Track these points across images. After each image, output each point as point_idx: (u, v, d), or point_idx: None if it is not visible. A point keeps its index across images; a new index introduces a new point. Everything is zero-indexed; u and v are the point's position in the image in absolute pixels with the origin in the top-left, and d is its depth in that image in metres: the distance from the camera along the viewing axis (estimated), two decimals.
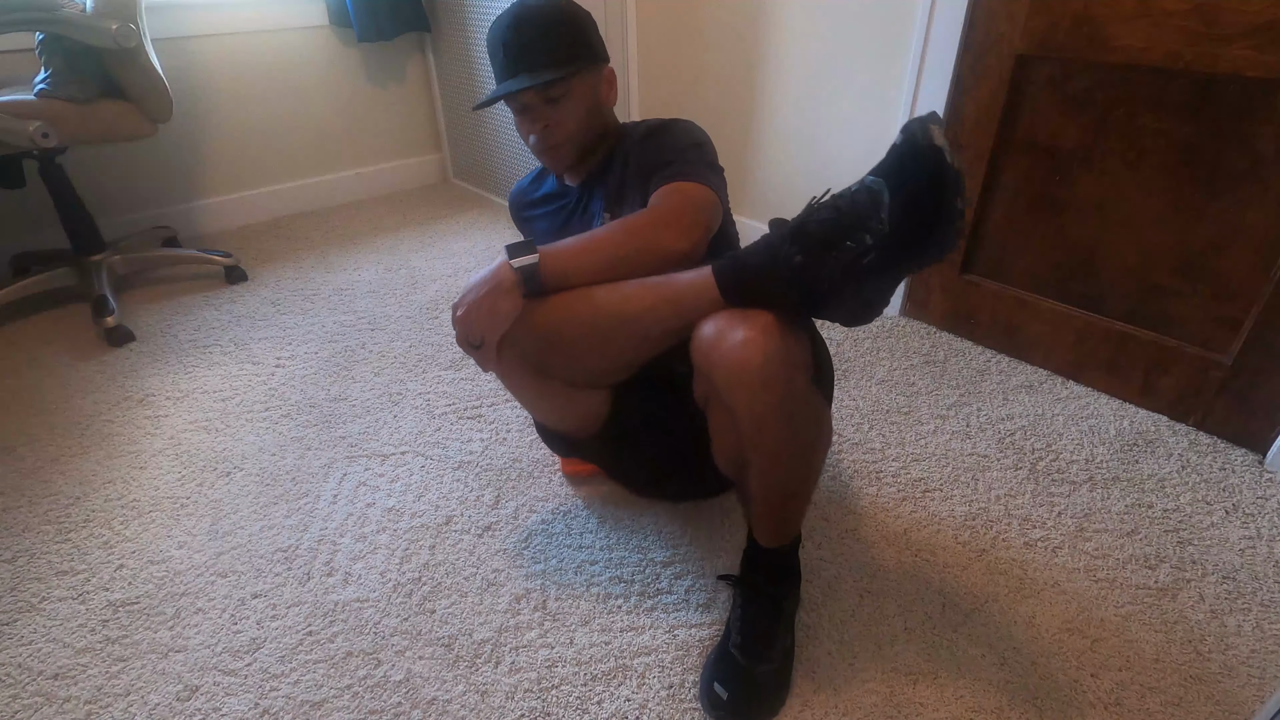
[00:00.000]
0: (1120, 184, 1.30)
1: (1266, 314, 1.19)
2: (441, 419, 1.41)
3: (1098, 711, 0.85)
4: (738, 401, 0.76)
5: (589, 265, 0.85)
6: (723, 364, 0.74)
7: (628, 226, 0.86)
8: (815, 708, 0.86)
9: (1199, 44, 1.14)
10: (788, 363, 0.74)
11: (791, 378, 0.75)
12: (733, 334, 0.73)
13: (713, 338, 0.74)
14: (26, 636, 0.98)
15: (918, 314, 1.73)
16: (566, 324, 0.85)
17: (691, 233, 0.86)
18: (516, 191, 1.21)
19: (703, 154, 0.98)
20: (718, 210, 0.92)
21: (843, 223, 0.69)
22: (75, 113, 1.58)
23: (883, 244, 0.67)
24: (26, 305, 1.87)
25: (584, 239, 0.86)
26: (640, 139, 1.03)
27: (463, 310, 0.84)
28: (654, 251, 0.84)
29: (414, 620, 0.98)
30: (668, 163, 0.95)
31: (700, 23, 1.97)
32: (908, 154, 0.67)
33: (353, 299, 1.91)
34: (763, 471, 0.83)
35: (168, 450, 1.34)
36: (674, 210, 0.88)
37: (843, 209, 0.70)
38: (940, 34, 1.43)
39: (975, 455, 1.28)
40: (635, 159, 1.02)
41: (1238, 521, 1.12)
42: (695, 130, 1.03)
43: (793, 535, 0.90)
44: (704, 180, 0.92)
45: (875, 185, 0.68)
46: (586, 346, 0.87)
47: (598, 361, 0.90)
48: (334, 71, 2.47)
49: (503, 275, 0.83)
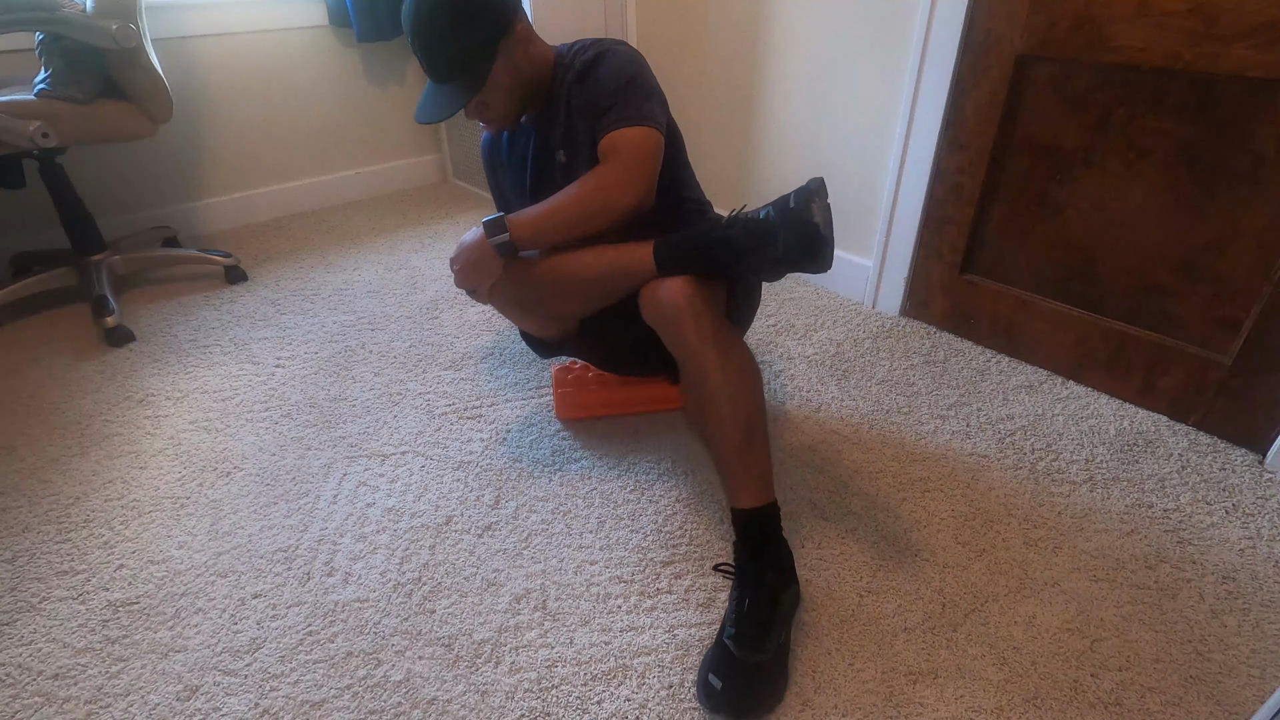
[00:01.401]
0: (1120, 184, 1.30)
1: (1266, 314, 1.19)
2: (441, 419, 1.41)
3: (1098, 711, 0.85)
4: (671, 336, 1.01)
5: (553, 227, 1.04)
6: (658, 308, 1.01)
7: (582, 191, 1.04)
8: (815, 708, 0.86)
9: (1199, 44, 1.14)
10: (707, 301, 0.99)
11: (710, 309, 1.00)
12: (664, 287, 1.00)
13: (650, 291, 1.02)
14: (26, 636, 0.98)
15: (918, 314, 1.73)
16: (541, 283, 1.10)
17: (637, 187, 1.04)
18: (486, 142, 1.32)
19: (638, 86, 1.08)
20: (658, 148, 1.07)
21: (751, 239, 0.97)
22: (75, 113, 1.58)
23: (778, 257, 0.95)
24: (26, 305, 1.87)
25: (547, 205, 1.05)
26: (578, 77, 1.11)
27: (458, 265, 1.08)
28: (609, 211, 1.03)
29: (414, 620, 0.98)
30: (608, 107, 1.07)
31: (701, 21, 1.97)
32: (794, 219, 0.93)
33: (353, 299, 1.91)
34: (712, 403, 0.98)
35: (168, 450, 1.34)
36: (621, 170, 1.04)
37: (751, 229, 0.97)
38: (940, 34, 1.43)
39: (975, 455, 1.28)
40: (577, 99, 1.11)
41: (1238, 521, 1.12)
42: (627, 60, 1.09)
43: (766, 495, 0.96)
44: (643, 118, 1.05)
45: (775, 220, 0.96)
46: (559, 299, 1.13)
47: (569, 308, 1.17)
48: (334, 71, 2.47)
49: (484, 245, 1.04)
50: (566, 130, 1.14)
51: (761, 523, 0.95)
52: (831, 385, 1.48)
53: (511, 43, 1.06)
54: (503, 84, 1.08)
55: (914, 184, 1.59)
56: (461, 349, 1.66)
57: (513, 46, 1.06)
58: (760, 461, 0.97)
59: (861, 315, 1.76)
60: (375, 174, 2.71)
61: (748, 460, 0.97)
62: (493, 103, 1.09)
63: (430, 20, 1.01)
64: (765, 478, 0.97)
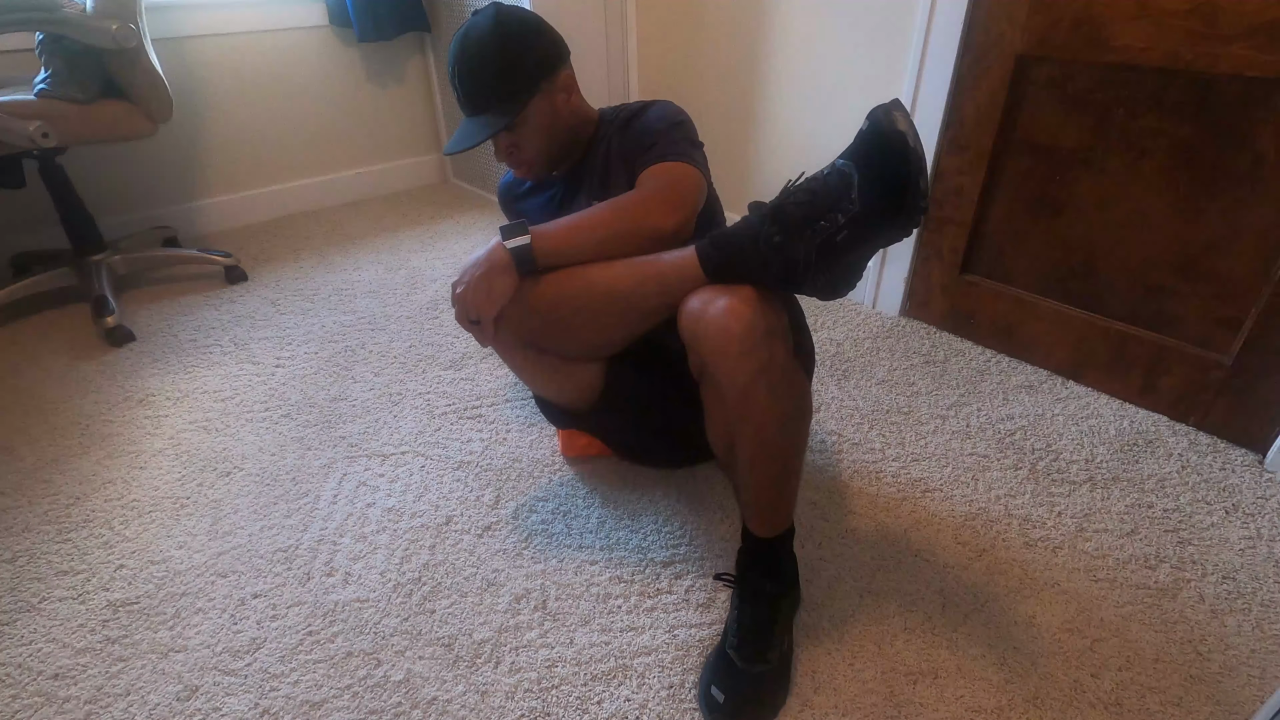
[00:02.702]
0: (1120, 184, 1.30)
1: (1266, 314, 1.19)
2: (441, 419, 1.41)
3: (1098, 711, 0.85)
4: (721, 369, 0.81)
5: (580, 244, 0.89)
6: (706, 333, 0.79)
7: (617, 207, 0.91)
8: (815, 708, 0.86)
9: (1199, 44, 1.14)
10: (767, 331, 0.78)
11: (771, 345, 0.79)
12: (715, 305, 0.78)
13: (697, 310, 0.80)
14: (26, 636, 0.98)
15: (918, 314, 1.73)
16: (560, 302, 0.90)
17: (678, 212, 0.91)
18: (505, 183, 1.25)
19: (684, 132, 1.03)
20: (703, 187, 0.97)
21: (817, 203, 0.74)
22: (75, 113, 1.58)
23: (854, 222, 0.73)
24: (26, 305, 1.87)
25: (575, 219, 0.91)
26: (621, 125, 1.07)
27: (462, 288, 0.89)
28: (643, 231, 0.89)
29: (414, 620, 0.98)
30: (651, 145, 0.99)
31: (700, 21, 1.97)
32: (874, 138, 0.72)
33: (353, 299, 1.91)
34: (749, 443, 0.85)
35: (168, 450, 1.34)
36: (661, 190, 0.93)
37: (816, 190, 0.75)
38: (940, 34, 1.43)
39: (975, 455, 1.28)
40: (618, 144, 1.06)
41: (1238, 521, 1.12)
42: (674, 110, 1.06)
43: (785, 524, 0.91)
44: (687, 158, 0.97)
45: (846, 168, 0.74)
46: (580, 323, 0.92)
47: (591, 336, 0.95)
48: (334, 71, 2.47)
49: (497, 256, 0.88)
50: (602, 180, 1.08)
51: (779, 547, 0.92)
52: (831, 385, 1.48)
53: (554, 86, 1.04)
54: (539, 125, 1.04)
55: None
56: (461, 349, 1.66)
57: (554, 90, 1.04)
58: (788, 499, 0.90)
59: (861, 315, 1.76)
60: (375, 174, 2.71)
61: (773, 498, 0.89)
62: (525, 144, 1.05)
63: (478, 50, 0.99)
64: (789, 510, 0.91)
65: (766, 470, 0.86)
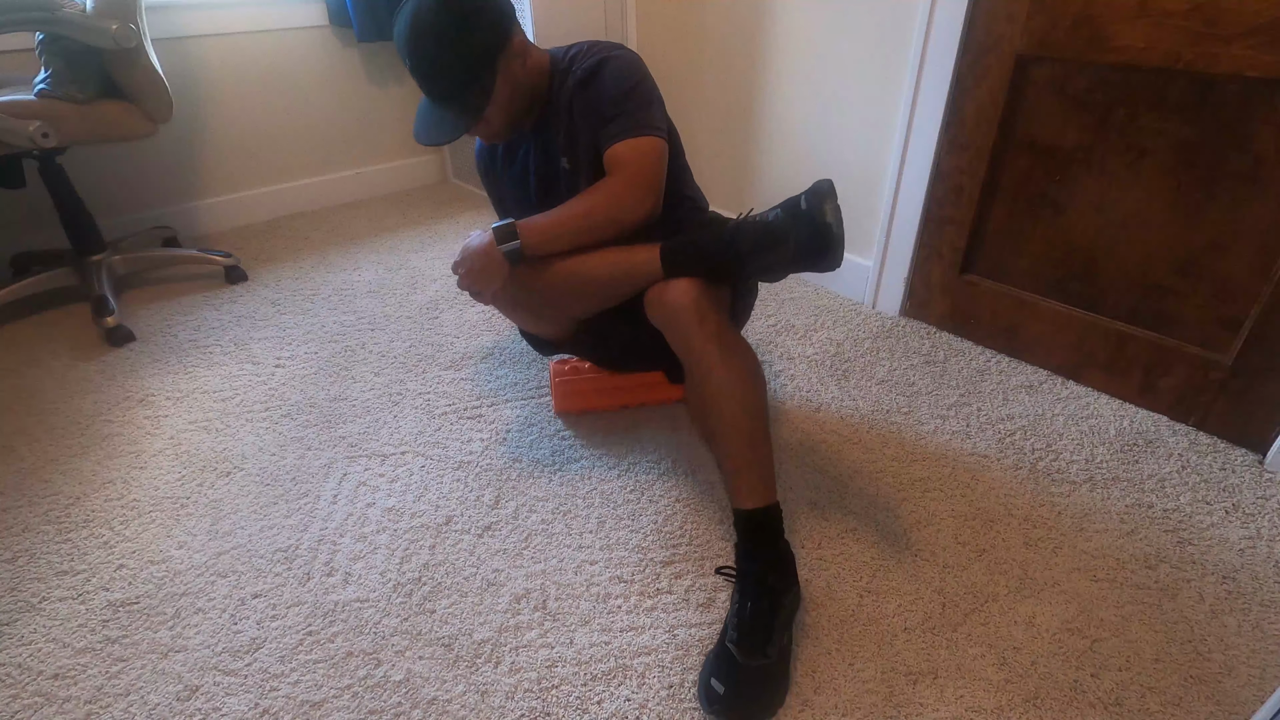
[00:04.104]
0: (1120, 184, 1.30)
1: (1266, 314, 1.19)
2: (441, 419, 1.41)
3: (1098, 711, 0.85)
4: (677, 337, 1.02)
5: (562, 239, 1.06)
6: (663, 309, 1.02)
7: (592, 203, 1.06)
8: (815, 708, 0.86)
9: (1199, 44, 1.14)
10: (712, 303, 1.01)
11: (719, 314, 1.01)
12: (671, 289, 1.02)
13: (657, 293, 1.04)
14: (26, 636, 0.98)
15: (918, 314, 1.73)
16: (547, 285, 1.10)
17: (648, 199, 1.06)
18: (481, 150, 1.29)
19: (641, 94, 1.09)
20: (663, 157, 1.09)
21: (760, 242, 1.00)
22: (75, 113, 1.58)
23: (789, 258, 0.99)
24: (26, 305, 1.87)
25: (557, 215, 1.06)
26: (579, 84, 1.10)
27: (463, 270, 1.07)
28: (618, 224, 1.06)
29: (414, 620, 0.98)
30: (611, 116, 1.07)
31: (701, 22, 1.97)
32: (807, 220, 0.97)
33: (353, 299, 1.91)
34: (715, 404, 0.98)
35: (168, 450, 1.34)
36: (629, 180, 1.06)
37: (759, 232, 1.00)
38: (940, 34, 1.43)
39: (975, 455, 1.28)
40: (579, 105, 1.11)
41: (1238, 521, 1.12)
42: (628, 67, 1.09)
43: (768, 495, 0.96)
44: (649, 128, 1.07)
45: (784, 222, 0.98)
46: (564, 300, 1.14)
47: (574, 309, 1.18)
48: (334, 71, 2.47)
49: (492, 252, 1.04)
50: (569, 137, 1.13)
51: (763, 524, 0.95)
52: (831, 385, 1.48)
53: (510, 56, 1.05)
54: (503, 99, 1.07)
55: (914, 184, 1.59)
56: (461, 349, 1.66)
57: (510, 60, 1.05)
58: (762, 462, 0.97)
59: (861, 315, 1.76)
60: (375, 174, 2.71)
61: (750, 460, 0.97)
62: (492, 118, 1.08)
63: (426, 37, 0.99)
64: (767, 479, 0.97)
65: (738, 427, 0.97)
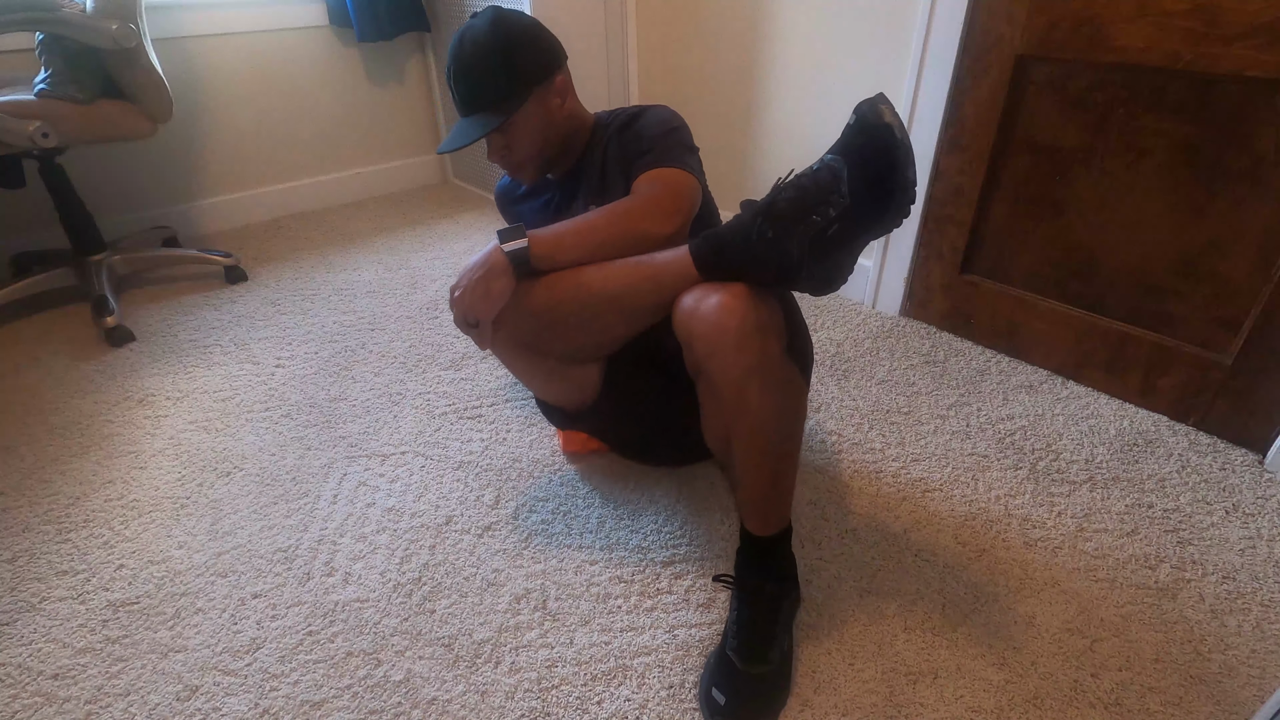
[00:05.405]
0: (1120, 184, 1.30)
1: (1266, 314, 1.19)
2: (441, 419, 1.41)
3: (1098, 711, 0.85)
4: (715, 364, 0.81)
5: (576, 248, 0.91)
6: (700, 329, 0.80)
7: (613, 213, 0.93)
8: (815, 708, 0.86)
9: (1199, 44, 1.14)
10: (760, 326, 0.79)
11: (765, 340, 0.80)
12: (709, 301, 0.80)
13: (691, 306, 0.82)
14: (26, 636, 0.98)
15: (918, 314, 1.73)
16: (557, 304, 0.92)
17: (674, 218, 0.93)
18: (503, 186, 1.26)
19: (679, 138, 1.04)
20: (698, 193, 0.99)
21: (807, 199, 0.76)
22: (75, 113, 1.58)
23: (844, 215, 0.74)
24: (26, 305, 1.87)
25: (572, 223, 0.93)
26: (617, 130, 1.08)
27: (460, 291, 0.90)
28: (638, 236, 0.91)
29: (414, 620, 0.98)
30: (646, 150, 1.01)
31: (701, 19, 1.97)
32: (861, 132, 0.73)
33: (353, 299, 1.91)
34: (744, 439, 0.85)
35: (168, 450, 1.34)
36: (657, 197, 0.95)
37: (806, 186, 0.76)
38: (940, 34, 1.43)
39: (975, 455, 1.28)
40: (614, 149, 1.07)
41: (1238, 521, 1.12)
42: (670, 115, 1.07)
43: (782, 523, 0.91)
44: (683, 165, 1.00)
45: (834, 162, 0.75)
46: (576, 324, 0.94)
47: (587, 337, 0.96)
48: (334, 71, 2.47)
49: (495, 259, 0.89)
50: (599, 183, 1.09)
51: (771, 550, 0.92)
52: (831, 385, 1.48)
53: (548, 89, 1.04)
54: (531, 128, 1.04)
55: None
56: (461, 349, 1.66)
57: (548, 93, 1.04)
58: (784, 495, 0.89)
59: (861, 315, 1.76)
60: (375, 174, 2.71)
61: (769, 495, 0.88)
62: (517, 146, 1.05)
63: (474, 51, 1.00)
64: (784, 507, 0.90)
65: (762, 467, 0.86)
